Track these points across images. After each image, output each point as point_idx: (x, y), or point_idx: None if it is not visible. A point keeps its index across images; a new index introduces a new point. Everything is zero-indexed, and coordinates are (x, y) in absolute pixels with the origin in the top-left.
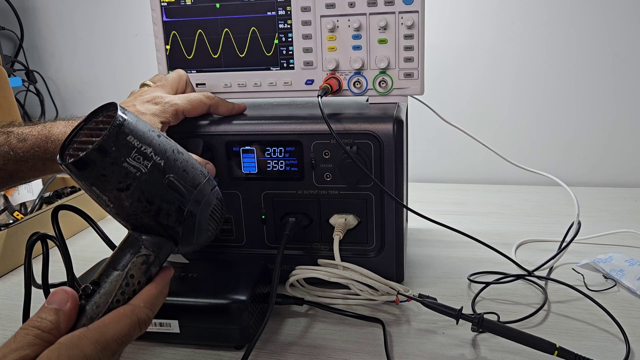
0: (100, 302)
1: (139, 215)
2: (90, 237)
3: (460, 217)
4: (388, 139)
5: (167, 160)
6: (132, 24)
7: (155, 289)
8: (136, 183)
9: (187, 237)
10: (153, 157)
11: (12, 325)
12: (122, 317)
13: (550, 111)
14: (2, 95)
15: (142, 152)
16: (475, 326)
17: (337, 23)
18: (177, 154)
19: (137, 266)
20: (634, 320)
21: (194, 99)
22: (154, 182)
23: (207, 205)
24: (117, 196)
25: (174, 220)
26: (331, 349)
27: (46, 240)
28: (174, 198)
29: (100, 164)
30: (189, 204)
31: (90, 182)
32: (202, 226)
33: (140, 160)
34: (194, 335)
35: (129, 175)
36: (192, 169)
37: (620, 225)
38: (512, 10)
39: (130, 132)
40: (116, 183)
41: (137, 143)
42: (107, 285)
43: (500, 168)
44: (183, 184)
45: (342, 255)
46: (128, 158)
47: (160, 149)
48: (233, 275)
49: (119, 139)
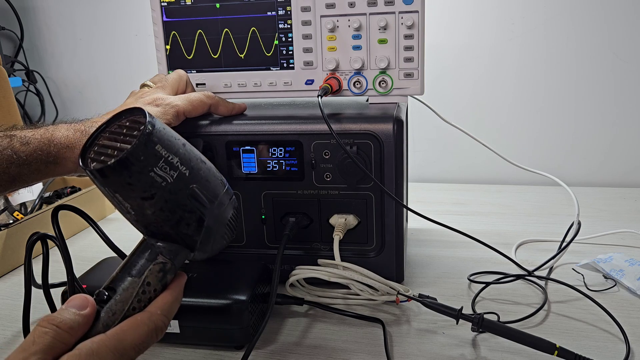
0: (116, 309)
1: (160, 223)
2: (90, 237)
3: (460, 217)
4: (388, 139)
5: (192, 170)
6: (132, 24)
7: (171, 296)
8: (161, 192)
9: (204, 245)
10: (179, 167)
11: (12, 325)
12: (139, 324)
13: (551, 111)
14: (2, 95)
15: (169, 161)
16: (475, 326)
17: (337, 23)
18: (201, 163)
19: (154, 274)
20: (634, 320)
21: (195, 99)
22: (178, 192)
23: (225, 214)
24: (141, 204)
25: (194, 229)
26: (331, 349)
27: (46, 240)
28: (196, 208)
29: (127, 172)
30: (210, 214)
31: (114, 189)
32: (220, 235)
33: (167, 170)
34: (194, 335)
35: (154, 184)
36: (214, 179)
37: (620, 225)
38: (512, 10)
39: (158, 141)
40: (141, 192)
41: (164, 152)
42: (123, 292)
43: (500, 168)
44: (205, 194)
45: (342, 255)
46: (155, 167)
47: (186, 158)
48: (233, 275)
49: (147, 147)
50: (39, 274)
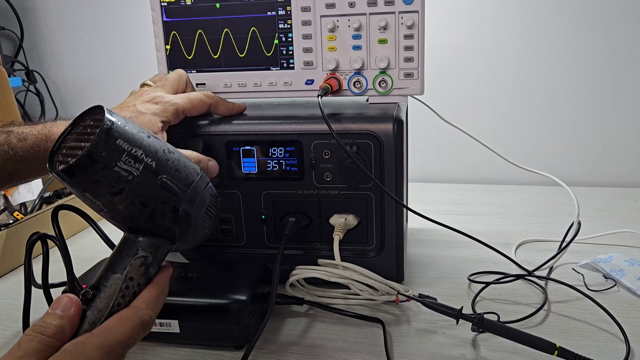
0: (101, 306)
1: (134, 217)
2: (90, 237)
3: (460, 217)
4: (388, 138)
5: (159, 161)
6: (132, 24)
7: (155, 290)
8: (129, 186)
9: (183, 235)
10: (144, 159)
11: (12, 325)
12: (125, 320)
13: (550, 111)
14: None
15: (132, 154)
16: (475, 326)
17: (337, 23)
18: (169, 153)
19: (136, 268)
20: (634, 320)
21: (194, 98)
22: (146, 184)
23: (202, 202)
24: (111, 200)
25: (170, 220)
26: (331, 349)
27: (46, 240)
28: (168, 198)
29: (91, 170)
30: (184, 203)
31: (83, 188)
32: (198, 224)
33: (132, 164)
34: (194, 335)
35: (121, 179)
36: (185, 168)
37: (620, 225)
38: (512, 10)
39: (119, 135)
40: (109, 188)
41: (127, 146)
42: (106, 289)
43: (500, 168)
44: (176, 183)
45: (342, 255)
46: (119, 162)
47: (151, 150)
48: (233, 275)
49: (108, 143)
50: (39, 274)
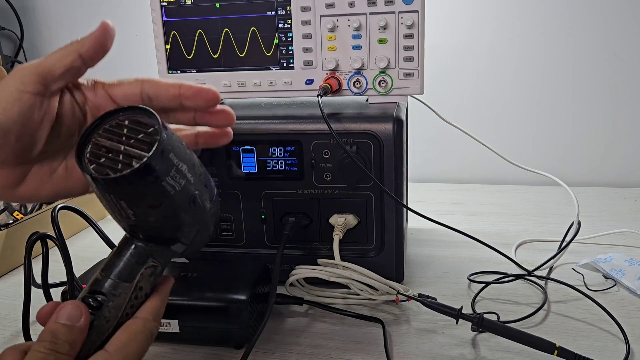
0: (110, 316)
1: (160, 229)
2: (90, 237)
3: (460, 217)
4: (388, 138)
5: (195, 176)
6: (132, 24)
7: (159, 300)
8: (168, 201)
9: (193, 245)
10: (187, 175)
11: (12, 325)
12: (137, 334)
13: (550, 111)
14: None
15: (179, 169)
16: (475, 326)
17: (337, 23)
18: (200, 167)
19: (146, 278)
20: (634, 320)
21: None
22: (183, 199)
23: (216, 216)
24: (146, 212)
25: (189, 232)
26: (331, 349)
27: (46, 240)
28: (195, 213)
29: (141, 183)
30: (206, 217)
31: (121, 197)
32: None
33: (177, 179)
34: (194, 335)
35: (164, 193)
36: (209, 182)
37: (620, 225)
38: (512, 10)
39: (171, 148)
40: (150, 201)
41: (176, 161)
42: (116, 298)
43: (500, 168)
44: (204, 199)
45: (342, 255)
46: (168, 177)
47: (191, 164)
48: (233, 275)
49: (163, 157)
50: (38, 273)
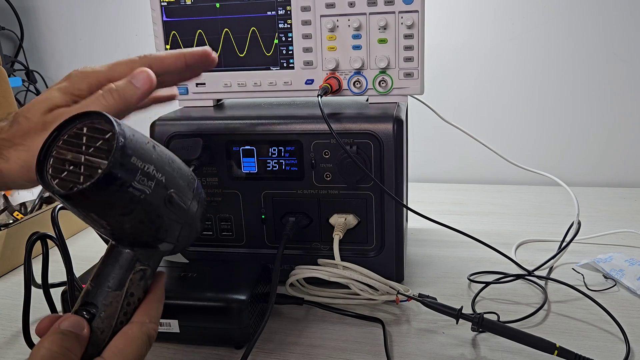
0: (104, 326)
1: (138, 234)
2: (90, 237)
3: (460, 217)
4: (388, 138)
5: (166, 175)
6: (132, 24)
7: (154, 301)
8: (140, 205)
9: (179, 244)
10: (155, 176)
11: (12, 325)
12: (133, 339)
13: (551, 111)
14: (2, 96)
15: (145, 172)
16: (475, 326)
17: (337, 23)
18: (172, 163)
19: (136, 283)
20: (634, 320)
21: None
22: (156, 201)
23: (199, 211)
24: (119, 220)
25: (172, 232)
26: (331, 349)
27: (46, 240)
28: (175, 212)
29: (104, 193)
30: (187, 214)
31: (88, 210)
32: (194, 231)
33: (145, 182)
34: (194, 335)
35: (133, 199)
36: (185, 177)
37: (620, 225)
38: (512, 10)
39: (133, 152)
40: (119, 209)
41: (140, 164)
42: (107, 307)
43: (500, 168)
44: (180, 196)
45: (342, 255)
46: (133, 182)
47: (160, 163)
48: (233, 275)
49: (123, 163)
50: (38, 273)
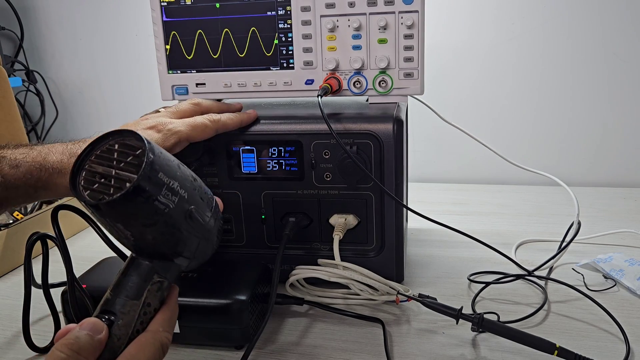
0: (121, 333)
1: (159, 245)
2: (90, 237)
3: (460, 217)
4: (388, 139)
5: (189, 192)
6: (132, 24)
7: (169, 311)
8: (163, 218)
9: (196, 259)
10: (179, 191)
11: (12, 325)
12: (146, 345)
13: (550, 111)
14: (2, 95)
15: (170, 187)
16: (475, 326)
17: (337, 23)
18: (194, 181)
19: (153, 294)
20: (634, 320)
21: (198, 124)
22: (178, 215)
23: (216, 227)
24: (142, 231)
25: (190, 247)
26: (331, 349)
27: (46, 240)
28: (193, 227)
29: (131, 204)
30: (205, 230)
31: (116, 219)
32: (210, 246)
33: (169, 197)
34: (194, 335)
35: (158, 212)
36: (205, 195)
37: (620, 225)
38: (512, 10)
39: (160, 168)
40: (144, 220)
41: (166, 179)
42: (125, 316)
43: (500, 168)
44: (201, 213)
45: (342, 255)
46: (159, 196)
47: (183, 181)
48: (233, 275)
49: (151, 177)
50: (39, 274)
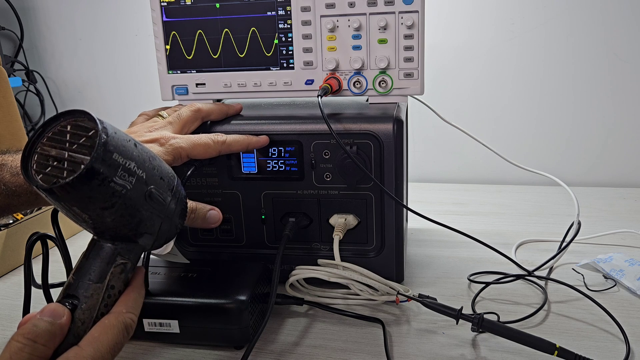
0: (85, 317)
1: (119, 228)
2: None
3: (460, 217)
4: (388, 139)
5: (147, 171)
6: (132, 24)
7: (133, 292)
8: (121, 200)
9: (158, 240)
10: (136, 172)
11: (12, 325)
12: (109, 327)
13: (551, 111)
14: (2, 95)
15: (126, 168)
16: (475, 326)
17: (337, 23)
18: (153, 160)
19: (116, 276)
20: (634, 320)
21: (201, 143)
22: (137, 196)
23: (178, 208)
24: (100, 214)
25: (152, 227)
26: (331, 349)
27: (46, 240)
28: (154, 208)
29: (86, 187)
30: (167, 210)
31: (71, 203)
32: (173, 227)
33: (126, 177)
34: (194, 335)
35: (115, 194)
36: (166, 174)
37: (620, 225)
38: (512, 10)
39: (114, 149)
40: (101, 203)
41: (121, 160)
42: (88, 299)
43: (500, 168)
44: (161, 192)
45: (342, 255)
46: (115, 177)
47: (140, 160)
48: (233, 275)
49: (105, 159)
50: (38, 274)
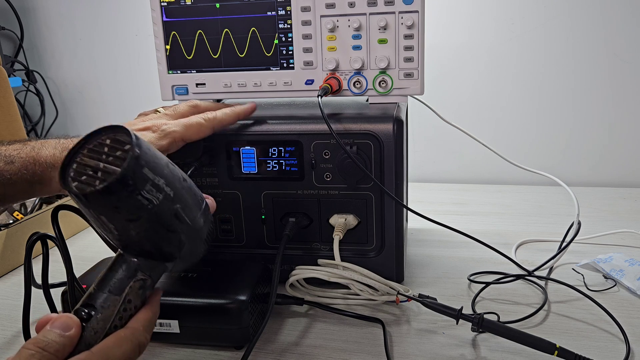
0: (98, 327)
1: (142, 242)
2: (90, 237)
3: (460, 217)
4: (388, 139)
5: (176, 190)
6: (132, 24)
7: (150, 312)
8: (147, 215)
9: (182, 260)
10: (164, 189)
11: (12, 326)
12: (123, 340)
13: (551, 111)
14: (2, 95)
15: (155, 184)
16: (475, 326)
17: (337, 23)
18: (183, 182)
19: (135, 291)
20: (634, 320)
21: (192, 123)
22: (163, 213)
23: (204, 230)
24: (125, 226)
25: (175, 247)
26: (331, 349)
27: (46, 240)
28: (179, 227)
29: (115, 197)
30: (192, 231)
31: (99, 212)
32: (197, 250)
33: (154, 192)
34: (194, 335)
35: (142, 207)
36: (194, 197)
37: (620, 225)
38: (512, 10)
39: (145, 163)
40: (127, 214)
41: (151, 175)
42: (104, 310)
43: (500, 168)
44: (187, 213)
45: (342, 255)
46: (143, 191)
47: (170, 179)
48: (233, 275)
49: (135, 171)
50: (39, 274)
